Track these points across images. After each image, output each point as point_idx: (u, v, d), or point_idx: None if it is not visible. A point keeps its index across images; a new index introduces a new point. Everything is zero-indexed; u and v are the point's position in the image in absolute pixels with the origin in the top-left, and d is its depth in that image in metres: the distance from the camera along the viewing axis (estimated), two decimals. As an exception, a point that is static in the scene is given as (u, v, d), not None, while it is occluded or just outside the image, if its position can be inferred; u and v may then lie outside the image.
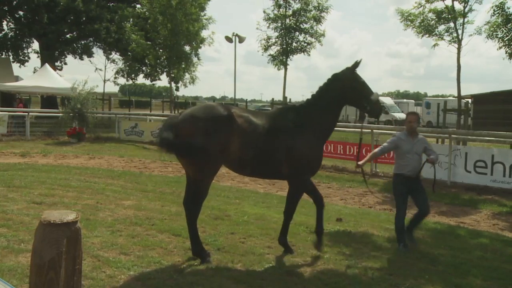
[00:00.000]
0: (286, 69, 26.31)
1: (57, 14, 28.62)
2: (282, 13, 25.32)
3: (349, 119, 32.96)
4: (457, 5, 23.93)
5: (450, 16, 23.43)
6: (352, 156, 12.15)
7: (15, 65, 30.43)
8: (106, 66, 35.07)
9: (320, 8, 25.01)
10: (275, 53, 25.86)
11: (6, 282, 2.41)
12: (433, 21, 23.34)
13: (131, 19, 28.72)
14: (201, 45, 23.42)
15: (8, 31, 30.39)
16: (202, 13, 22.78)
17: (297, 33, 25.50)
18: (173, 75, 23.35)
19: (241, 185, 9.62)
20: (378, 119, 11.48)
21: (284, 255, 5.07)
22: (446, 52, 33.39)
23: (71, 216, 2.12)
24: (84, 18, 29.69)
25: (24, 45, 31.36)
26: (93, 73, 71.17)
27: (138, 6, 30.53)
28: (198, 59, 24.21)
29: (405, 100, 53.79)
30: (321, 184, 9.96)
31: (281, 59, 25.77)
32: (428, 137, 10.84)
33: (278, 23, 25.47)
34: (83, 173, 9.99)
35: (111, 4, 31.46)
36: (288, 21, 25.25)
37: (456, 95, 26.01)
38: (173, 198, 7.67)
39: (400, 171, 5.64)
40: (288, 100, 29.33)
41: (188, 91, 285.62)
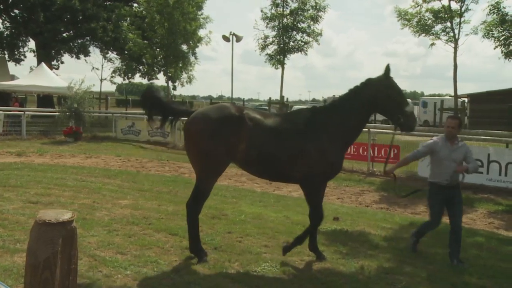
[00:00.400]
0: (283, 68, 26.31)
1: (54, 12, 28.48)
2: (279, 12, 25.30)
3: None
4: (454, 5, 23.89)
5: (446, 15, 23.47)
6: (348, 155, 12.12)
7: (10, 64, 30.35)
8: (103, 65, 35.13)
9: (318, 7, 25.01)
10: (273, 52, 25.83)
11: (1, 282, 2.41)
12: (430, 21, 23.41)
13: (128, 18, 28.69)
14: (198, 44, 23.39)
15: (3, 29, 30.28)
16: (199, 12, 22.74)
17: (295, 32, 25.47)
18: (170, 74, 23.31)
19: (238, 184, 9.61)
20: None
21: (283, 255, 4.94)
22: (443, 51, 33.43)
23: (67, 215, 2.11)
24: (80, 17, 29.57)
25: (20, 44, 31.24)
26: (89, 72, 71.16)
27: (135, 5, 30.48)
28: (195, 58, 24.23)
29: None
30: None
31: (278, 58, 25.74)
32: (425, 136, 10.87)
33: (275, 22, 25.45)
34: (79, 172, 9.96)
35: (108, 3, 31.34)
36: (285, 20, 25.23)
37: (453, 94, 26.13)
38: (170, 198, 7.66)
39: (435, 180, 5.17)
40: (285, 99, 29.29)
41: (185, 90, 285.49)
